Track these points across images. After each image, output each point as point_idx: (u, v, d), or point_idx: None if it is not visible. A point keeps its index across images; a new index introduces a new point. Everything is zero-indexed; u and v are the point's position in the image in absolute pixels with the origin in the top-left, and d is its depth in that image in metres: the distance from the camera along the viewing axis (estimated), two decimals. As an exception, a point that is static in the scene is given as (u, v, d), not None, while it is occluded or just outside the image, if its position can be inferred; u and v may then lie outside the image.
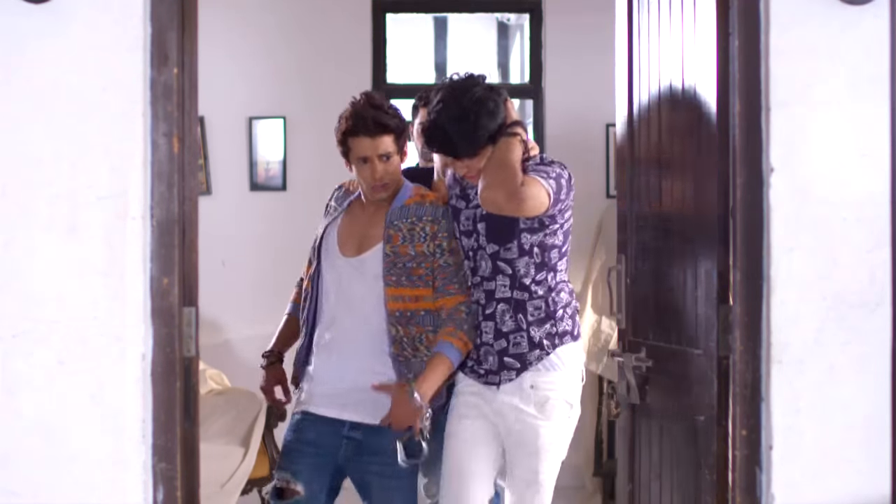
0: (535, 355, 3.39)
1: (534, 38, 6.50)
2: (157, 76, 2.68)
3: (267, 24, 6.23)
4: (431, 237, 3.45)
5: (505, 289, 3.42)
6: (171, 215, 2.69)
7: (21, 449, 2.65)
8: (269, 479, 5.00)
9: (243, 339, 6.09)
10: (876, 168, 2.71)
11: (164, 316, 2.69)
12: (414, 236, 3.46)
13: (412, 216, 3.48)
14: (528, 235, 3.38)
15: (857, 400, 2.72)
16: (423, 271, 3.44)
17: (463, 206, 3.52)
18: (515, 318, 3.41)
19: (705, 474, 2.96)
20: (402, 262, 3.44)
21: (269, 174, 6.23)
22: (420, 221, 3.48)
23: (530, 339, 3.40)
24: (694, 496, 3.07)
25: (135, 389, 2.66)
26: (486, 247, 3.44)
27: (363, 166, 3.47)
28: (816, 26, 2.71)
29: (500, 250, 3.41)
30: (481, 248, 3.45)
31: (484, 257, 3.45)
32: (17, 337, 2.64)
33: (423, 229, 3.46)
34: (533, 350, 3.39)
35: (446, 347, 3.39)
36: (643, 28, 3.50)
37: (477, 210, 3.44)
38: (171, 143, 2.69)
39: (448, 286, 3.44)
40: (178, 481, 2.70)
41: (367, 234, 3.52)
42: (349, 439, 3.45)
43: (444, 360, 3.38)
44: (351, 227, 3.58)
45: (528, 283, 3.41)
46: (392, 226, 3.48)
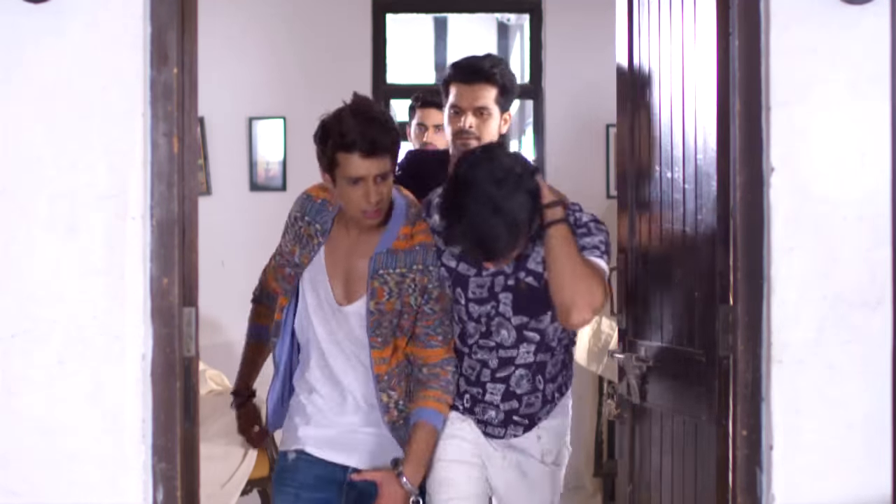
0: (545, 410, 3.16)
1: (534, 38, 6.50)
2: (156, 76, 2.68)
3: (267, 24, 6.23)
4: (421, 290, 3.02)
5: (529, 355, 3.07)
6: (171, 215, 2.69)
7: (21, 449, 2.65)
8: (269, 480, 5.00)
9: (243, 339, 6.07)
10: (876, 167, 2.71)
11: (163, 316, 2.69)
12: (402, 290, 3.02)
13: (401, 265, 3.01)
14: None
15: (857, 399, 2.71)
16: (407, 323, 3.04)
17: (473, 273, 3.04)
18: (534, 380, 3.09)
19: (705, 474, 2.96)
20: (388, 318, 3.02)
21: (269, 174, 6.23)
22: (410, 272, 3.01)
23: (544, 397, 3.14)
24: (694, 496, 3.07)
25: (134, 389, 2.66)
26: (510, 318, 3.03)
27: (352, 187, 2.93)
28: (816, 26, 2.71)
29: (529, 321, 3.03)
30: (502, 317, 3.04)
31: (506, 327, 3.04)
32: (16, 337, 2.64)
33: (413, 281, 3.01)
34: (544, 406, 3.16)
35: (433, 416, 3.02)
36: (643, 28, 3.50)
37: (496, 279, 3.00)
38: (170, 143, 2.69)
39: (431, 336, 3.05)
40: (177, 481, 2.70)
41: (351, 269, 3.06)
42: (351, 486, 3.10)
43: (431, 432, 3.02)
44: (334, 257, 3.07)
45: (555, 344, 3.11)
46: (378, 277, 3.00)
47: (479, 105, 3.43)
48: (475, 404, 3.11)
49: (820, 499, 2.71)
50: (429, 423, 3.00)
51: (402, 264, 3.00)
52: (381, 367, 3.03)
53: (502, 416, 3.10)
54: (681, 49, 3.16)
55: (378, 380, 3.03)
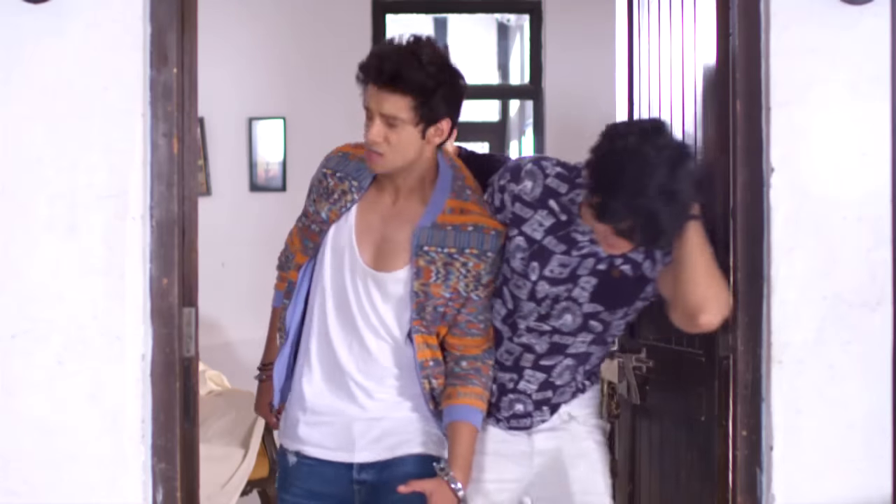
0: (575, 400, 2.95)
1: (534, 38, 6.50)
2: (156, 76, 2.68)
3: (267, 25, 6.23)
4: (473, 276, 2.72)
5: (583, 345, 2.84)
6: (171, 215, 2.69)
7: (20, 449, 2.65)
8: (268, 480, 5.00)
9: (243, 340, 6.08)
10: (876, 167, 2.71)
11: (163, 316, 2.68)
12: (450, 274, 2.71)
13: (450, 244, 2.69)
14: (641, 303, 2.83)
15: (857, 399, 2.71)
16: (452, 311, 2.75)
17: (560, 249, 2.73)
18: (575, 371, 2.89)
19: (705, 475, 2.96)
20: (434, 304, 2.72)
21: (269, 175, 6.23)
22: (461, 255, 2.70)
23: (576, 386, 2.94)
24: (694, 497, 3.07)
25: (134, 390, 2.66)
26: (582, 304, 2.77)
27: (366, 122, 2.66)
28: (816, 26, 2.71)
29: (602, 312, 2.79)
30: (572, 302, 2.77)
31: (572, 312, 2.78)
32: (16, 337, 2.64)
33: (465, 266, 2.71)
34: (574, 396, 2.95)
35: (474, 415, 2.75)
36: (643, 28, 3.50)
37: (585, 261, 2.72)
38: (170, 144, 2.69)
39: (472, 324, 2.77)
40: (177, 482, 2.70)
41: (388, 238, 2.73)
42: (361, 483, 2.81)
43: (473, 432, 2.75)
44: (366, 219, 2.75)
45: (611, 339, 2.92)
46: (422, 253, 2.69)
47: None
48: (502, 395, 2.87)
49: (820, 499, 2.71)
50: (471, 423, 2.74)
51: (451, 243, 2.68)
52: (426, 352, 2.75)
53: (531, 406, 2.89)
54: (681, 49, 3.16)
55: (422, 367, 2.75)
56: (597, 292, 2.75)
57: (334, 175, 2.79)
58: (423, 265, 2.69)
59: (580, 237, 2.70)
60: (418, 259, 2.68)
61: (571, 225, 2.69)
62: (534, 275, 2.75)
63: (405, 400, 2.79)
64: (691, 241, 2.56)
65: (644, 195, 2.42)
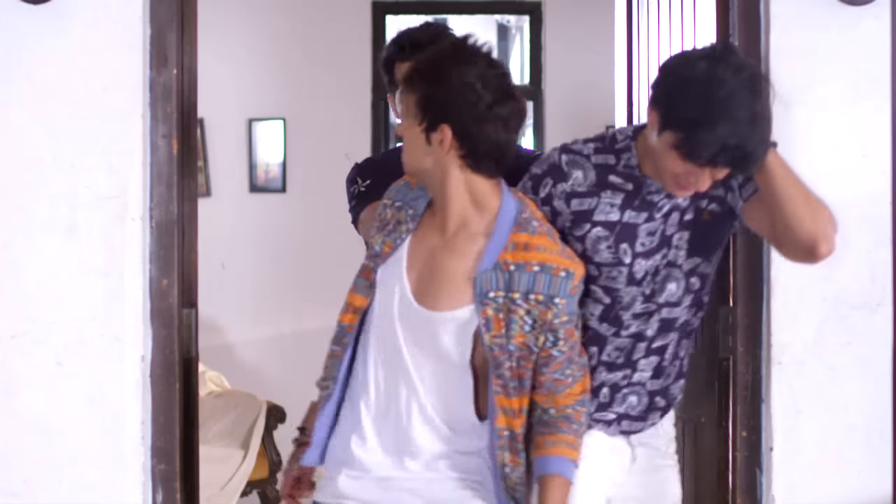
0: (679, 387, 2.63)
1: (533, 39, 6.50)
2: (156, 77, 2.68)
3: (267, 26, 6.23)
4: (540, 327, 2.30)
5: (687, 311, 2.56)
6: (171, 216, 2.69)
7: (20, 450, 2.65)
8: (268, 481, 5.00)
9: (243, 341, 6.08)
10: (877, 168, 2.71)
11: (163, 317, 2.68)
12: (512, 323, 2.29)
13: (514, 288, 2.28)
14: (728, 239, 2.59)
15: (857, 401, 2.71)
16: (525, 372, 2.33)
17: (643, 218, 2.46)
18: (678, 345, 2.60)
19: (706, 475, 2.96)
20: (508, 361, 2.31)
21: (269, 176, 6.22)
22: (525, 301, 2.28)
23: (679, 368, 2.61)
24: (694, 497, 3.07)
25: (134, 391, 2.66)
26: (681, 264, 2.50)
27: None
28: (817, 27, 2.71)
29: (700, 264, 2.52)
30: (671, 266, 2.51)
31: (675, 277, 2.51)
32: (16, 338, 2.64)
33: (530, 314, 2.29)
34: (678, 380, 2.62)
35: (568, 468, 2.36)
36: (642, 30, 3.50)
37: (670, 218, 2.47)
38: (170, 145, 2.69)
39: (559, 381, 2.35)
40: (177, 483, 2.70)
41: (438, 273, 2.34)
42: None
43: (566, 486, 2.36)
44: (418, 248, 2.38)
45: (706, 298, 2.59)
46: (489, 301, 2.28)
47: None
48: (614, 394, 2.56)
49: (820, 499, 2.71)
50: (564, 476, 2.36)
51: (515, 287, 2.29)
52: (502, 419, 2.33)
53: (645, 399, 2.58)
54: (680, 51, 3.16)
55: (498, 435, 2.32)
56: (693, 244, 2.51)
57: (393, 205, 2.45)
58: (493, 314, 2.28)
59: (656, 197, 2.44)
60: (485, 308, 2.28)
61: (642, 190, 2.44)
62: (627, 257, 2.48)
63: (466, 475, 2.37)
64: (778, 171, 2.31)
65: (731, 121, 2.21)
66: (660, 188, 2.41)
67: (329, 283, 5.84)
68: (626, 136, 2.44)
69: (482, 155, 2.29)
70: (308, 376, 6.34)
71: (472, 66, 2.27)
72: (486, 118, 2.26)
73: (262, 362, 6.03)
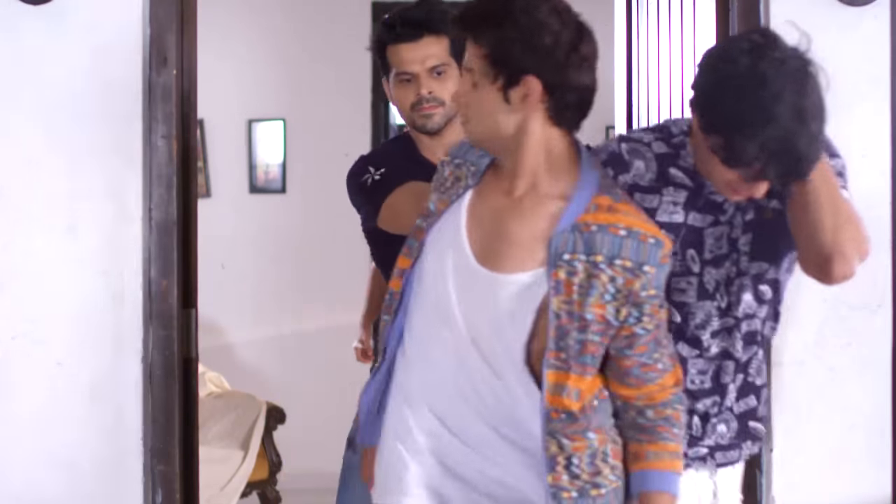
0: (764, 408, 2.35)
1: (533, 40, 6.50)
2: (156, 78, 2.68)
3: (266, 27, 6.23)
4: (626, 297, 2.01)
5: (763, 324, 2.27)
6: (171, 217, 2.69)
7: (20, 450, 2.65)
8: (267, 482, 5.00)
9: (243, 341, 6.08)
10: (876, 168, 2.71)
11: (163, 318, 2.68)
12: (593, 289, 1.99)
13: (596, 250, 1.99)
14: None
15: (857, 401, 2.71)
16: (596, 348, 2.04)
17: (708, 222, 2.19)
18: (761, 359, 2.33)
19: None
20: (573, 329, 2.01)
21: (269, 177, 6.22)
22: (610, 266, 1.99)
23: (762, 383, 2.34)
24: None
25: (134, 391, 2.66)
26: (747, 271, 2.22)
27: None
28: (816, 28, 2.70)
29: (768, 270, 2.23)
30: (743, 275, 2.22)
31: (745, 287, 2.22)
32: (15, 339, 2.64)
33: (613, 281, 2.00)
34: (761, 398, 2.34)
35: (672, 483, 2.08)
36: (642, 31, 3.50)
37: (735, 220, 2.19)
38: (170, 145, 2.69)
39: (648, 367, 2.06)
40: (176, 484, 2.70)
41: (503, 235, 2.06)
42: None
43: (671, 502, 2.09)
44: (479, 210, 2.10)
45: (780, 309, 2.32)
46: (562, 263, 2.00)
47: (432, 64, 2.61)
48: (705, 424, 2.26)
49: (820, 500, 2.71)
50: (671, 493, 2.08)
51: (598, 249, 1.99)
52: (557, 399, 2.02)
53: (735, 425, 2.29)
54: (679, 52, 3.16)
55: (548, 417, 2.02)
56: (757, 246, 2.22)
57: (451, 162, 2.19)
58: (564, 278, 1.99)
59: (719, 197, 2.17)
60: (557, 270, 1.99)
61: (704, 188, 2.16)
62: (696, 265, 2.20)
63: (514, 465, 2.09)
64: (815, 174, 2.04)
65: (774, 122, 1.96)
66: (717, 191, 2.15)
67: (329, 283, 5.87)
68: (681, 131, 2.19)
69: (570, 105, 2.01)
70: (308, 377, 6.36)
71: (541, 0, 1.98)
72: (571, 61, 1.98)
73: (261, 363, 6.03)
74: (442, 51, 2.60)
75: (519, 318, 2.03)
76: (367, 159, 2.68)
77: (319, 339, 5.91)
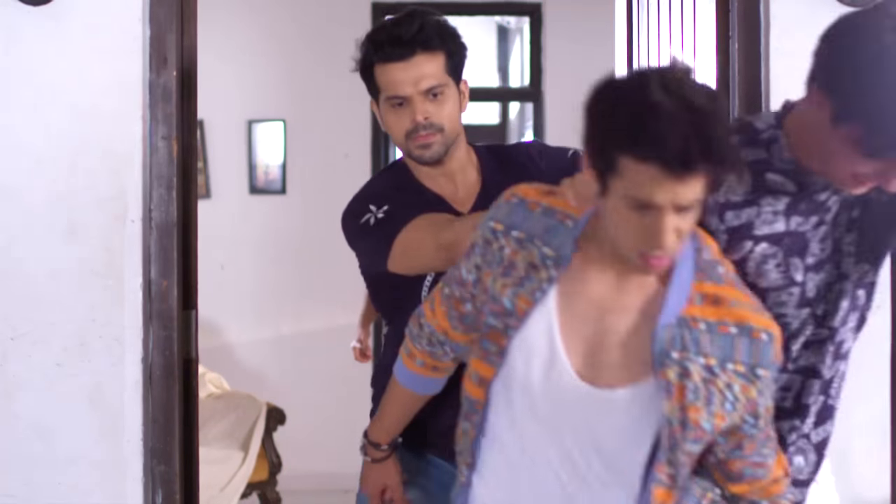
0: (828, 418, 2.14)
1: (534, 41, 6.50)
2: (156, 79, 2.68)
3: (266, 27, 6.23)
4: (744, 407, 1.80)
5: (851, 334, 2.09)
6: (171, 218, 2.69)
7: (19, 451, 2.64)
8: (267, 483, 5.00)
9: (243, 342, 6.08)
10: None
11: (163, 319, 2.68)
12: (713, 397, 1.76)
13: (706, 352, 1.76)
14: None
15: (856, 402, 2.70)
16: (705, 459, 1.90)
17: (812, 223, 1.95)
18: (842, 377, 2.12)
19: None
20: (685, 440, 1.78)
21: (269, 177, 6.22)
22: (723, 371, 1.76)
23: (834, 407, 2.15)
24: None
25: (134, 392, 2.66)
26: (849, 274, 2.01)
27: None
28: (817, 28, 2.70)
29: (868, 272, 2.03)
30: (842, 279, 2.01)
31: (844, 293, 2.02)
32: (15, 339, 2.64)
33: (730, 388, 1.77)
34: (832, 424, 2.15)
35: None
36: (643, 32, 3.50)
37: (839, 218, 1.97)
38: (170, 146, 2.69)
39: (758, 465, 1.89)
40: (177, 485, 2.69)
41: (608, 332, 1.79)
42: None
43: None
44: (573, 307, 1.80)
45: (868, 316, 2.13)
46: (670, 362, 1.75)
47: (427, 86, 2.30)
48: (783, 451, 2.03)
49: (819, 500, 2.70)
50: None
51: (708, 351, 1.76)
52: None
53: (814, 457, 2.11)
54: (680, 52, 3.16)
55: None
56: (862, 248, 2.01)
57: (507, 233, 1.84)
58: (676, 380, 1.75)
59: (822, 195, 1.94)
60: (665, 370, 1.75)
61: (806, 189, 1.92)
62: (799, 273, 1.97)
63: None
64: None
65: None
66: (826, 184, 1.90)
67: (329, 284, 5.88)
68: (768, 125, 1.94)
69: None
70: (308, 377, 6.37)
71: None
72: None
73: (261, 364, 6.03)
74: (437, 69, 2.30)
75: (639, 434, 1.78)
76: (365, 198, 2.37)
77: (319, 339, 5.92)
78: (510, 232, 1.83)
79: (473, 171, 2.42)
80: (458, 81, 2.36)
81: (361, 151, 6.01)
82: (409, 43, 2.28)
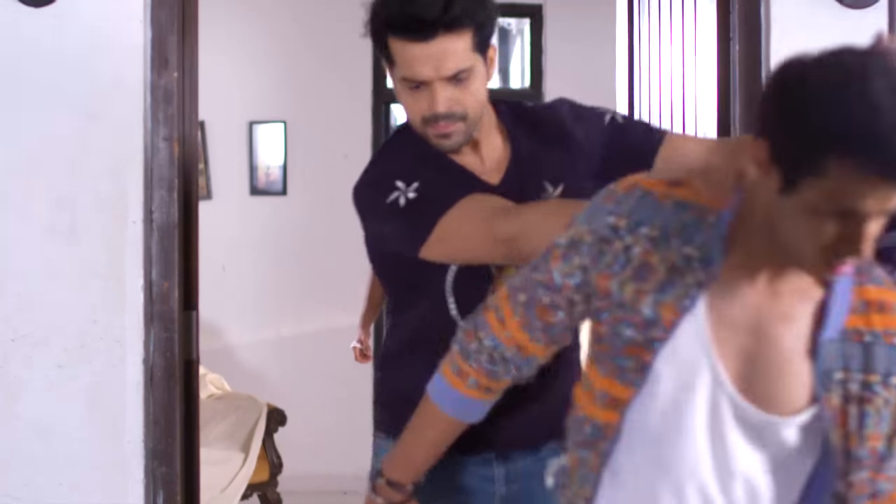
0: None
1: (534, 42, 6.50)
2: (157, 80, 2.68)
3: (267, 29, 6.23)
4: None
5: None
6: (172, 219, 2.69)
7: (20, 452, 2.65)
8: (268, 484, 5.00)
9: (244, 343, 6.08)
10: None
11: (164, 320, 2.68)
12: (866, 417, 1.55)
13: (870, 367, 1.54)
14: None
15: None
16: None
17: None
18: None
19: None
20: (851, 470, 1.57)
21: (270, 178, 6.22)
22: (885, 386, 1.54)
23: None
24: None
25: (135, 393, 2.66)
26: None
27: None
28: (817, 30, 2.71)
29: None
30: None
31: None
32: (16, 341, 2.64)
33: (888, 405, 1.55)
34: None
35: None
36: (643, 34, 3.51)
37: None
38: (171, 147, 2.69)
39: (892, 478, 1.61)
40: (177, 486, 2.70)
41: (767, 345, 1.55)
42: None
43: None
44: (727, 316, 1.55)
45: None
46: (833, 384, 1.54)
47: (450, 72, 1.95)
48: None
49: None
50: None
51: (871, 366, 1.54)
52: None
53: None
54: (681, 55, 3.16)
55: None
56: None
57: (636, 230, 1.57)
58: (839, 405, 1.54)
59: None
60: (829, 395, 1.54)
61: None
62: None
63: None
64: None
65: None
66: None
67: (330, 285, 5.88)
68: None
69: None
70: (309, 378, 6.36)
71: None
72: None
73: (262, 365, 6.03)
74: (463, 50, 1.93)
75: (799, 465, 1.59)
76: (389, 172, 2.00)
77: (320, 340, 5.92)
78: (638, 229, 1.56)
79: (498, 137, 2.08)
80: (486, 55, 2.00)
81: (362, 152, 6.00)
82: (433, 24, 1.91)
